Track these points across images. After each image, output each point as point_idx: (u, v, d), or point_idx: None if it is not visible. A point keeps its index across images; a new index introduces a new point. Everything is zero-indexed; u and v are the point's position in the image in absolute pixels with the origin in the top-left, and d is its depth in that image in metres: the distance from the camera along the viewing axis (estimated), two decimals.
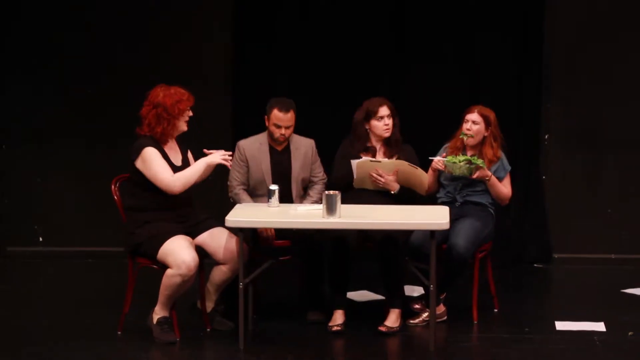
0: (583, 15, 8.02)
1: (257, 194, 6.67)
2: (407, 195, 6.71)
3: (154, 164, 6.13)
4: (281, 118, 6.56)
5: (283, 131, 6.57)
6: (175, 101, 6.16)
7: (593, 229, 8.18)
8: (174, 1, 8.08)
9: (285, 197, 6.62)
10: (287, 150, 6.69)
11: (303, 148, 6.73)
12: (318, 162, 6.83)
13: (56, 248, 8.36)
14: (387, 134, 6.69)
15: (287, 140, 6.65)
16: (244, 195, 6.63)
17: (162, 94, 6.18)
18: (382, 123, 6.66)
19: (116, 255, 7.35)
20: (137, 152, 6.15)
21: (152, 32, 8.11)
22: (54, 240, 8.40)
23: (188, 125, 6.26)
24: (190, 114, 6.24)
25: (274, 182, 6.53)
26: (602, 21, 8.01)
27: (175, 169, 6.23)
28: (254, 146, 6.67)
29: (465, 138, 6.61)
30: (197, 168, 6.19)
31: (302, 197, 6.78)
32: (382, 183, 6.61)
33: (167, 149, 6.23)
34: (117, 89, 8.10)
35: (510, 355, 6.05)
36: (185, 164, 6.31)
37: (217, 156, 6.18)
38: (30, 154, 8.30)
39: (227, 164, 6.20)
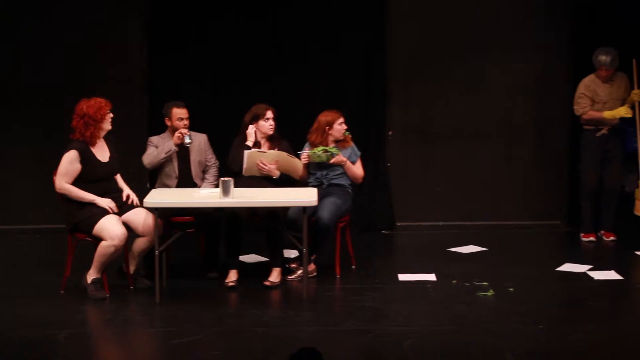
0: (415, 38, 8.51)
1: (163, 173, 7.14)
2: (286, 180, 7.08)
3: (64, 165, 6.55)
4: (181, 112, 7.12)
5: (185, 122, 7.09)
6: (96, 109, 6.62)
7: (426, 203, 8.64)
8: (98, 11, 8.20)
9: (187, 175, 7.11)
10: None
11: (197, 140, 7.21)
12: (210, 150, 7.24)
13: (6, 227, 8.43)
14: (271, 132, 7.07)
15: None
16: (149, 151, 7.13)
17: (86, 106, 6.61)
18: (268, 123, 7.03)
19: (60, 231, 7.25)
20: (67, 149, 6.66)
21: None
22: (5, 219, 8.45)
23: (111, 124, 6.71)
24: (111, 115, 6.68)
25: (178, 162, 7.05)
26: (430, 45, 8.47)
27: (101, 165, 6.64)
28: (161, 139, 7.24)
29: (347, 134, 7.13)
30: (85, 197, 6.54)
31: (201, 180, 7.21)
32: (265, 170, 6.99)
33: (95, 149, 6.64)
34: (47, 89, 8.25)
35: (365, 301, 6.45)
36: (113, 161, 6.72)
37: (105, 203, 6.56)
38: None
39: (110, 211, 6.55)
